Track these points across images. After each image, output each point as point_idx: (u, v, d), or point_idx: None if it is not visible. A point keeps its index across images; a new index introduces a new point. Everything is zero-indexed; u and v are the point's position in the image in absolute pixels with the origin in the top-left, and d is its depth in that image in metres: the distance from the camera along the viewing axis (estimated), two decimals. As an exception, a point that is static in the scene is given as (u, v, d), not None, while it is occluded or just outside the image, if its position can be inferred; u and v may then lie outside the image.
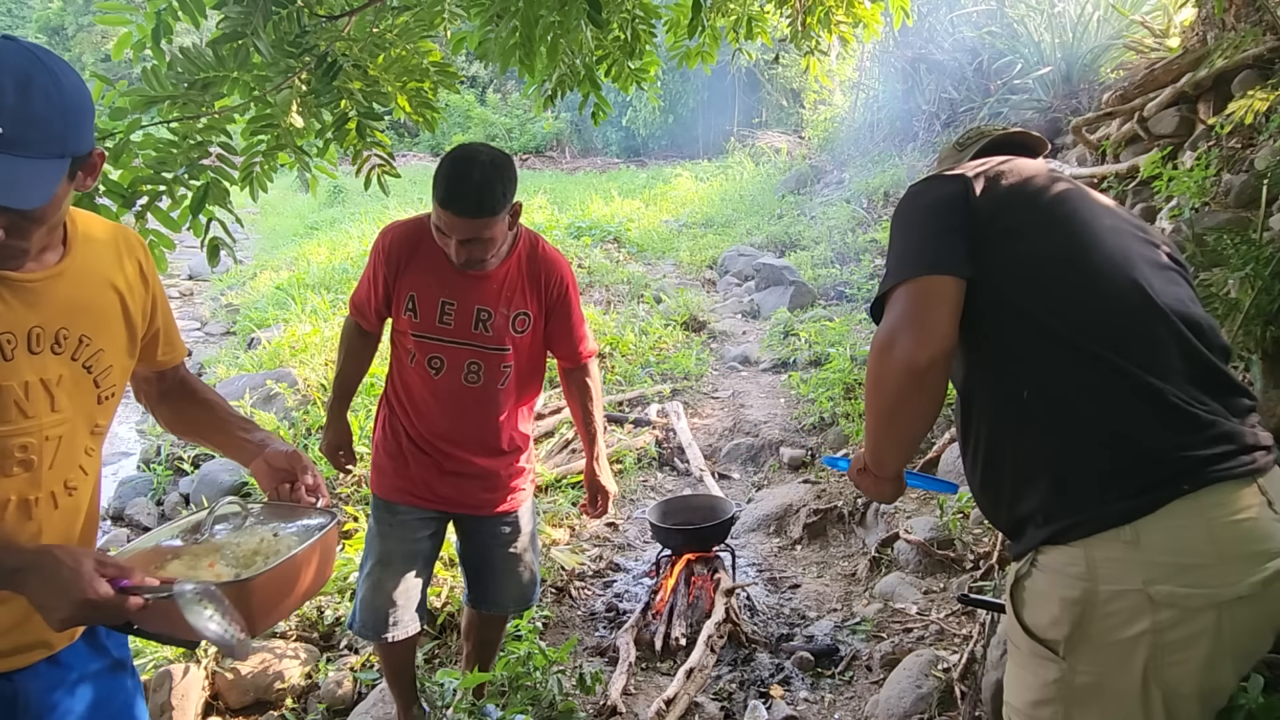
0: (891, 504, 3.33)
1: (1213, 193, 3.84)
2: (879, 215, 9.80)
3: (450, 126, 25.18)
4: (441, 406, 2.20)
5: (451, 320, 2.10)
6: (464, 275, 2.09)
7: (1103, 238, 1.34)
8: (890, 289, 1.31)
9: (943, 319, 1.25)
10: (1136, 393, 1.21)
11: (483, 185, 1.93)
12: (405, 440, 2.24)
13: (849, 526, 3.96)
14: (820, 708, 2.73)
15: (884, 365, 1.27)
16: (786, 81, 18.88)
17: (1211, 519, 1.15)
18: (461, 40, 2.78)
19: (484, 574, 2.42)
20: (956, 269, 1.27)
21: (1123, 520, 1.16)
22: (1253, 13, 4.45)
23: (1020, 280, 1.30)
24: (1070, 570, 1.19)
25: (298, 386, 5.93)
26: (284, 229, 16.99)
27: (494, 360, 2.16)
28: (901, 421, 1.34)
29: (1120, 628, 1.16)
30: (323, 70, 2.50)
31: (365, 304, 2.23)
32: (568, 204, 14.78)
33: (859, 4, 3.30)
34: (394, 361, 2.28)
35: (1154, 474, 1.18)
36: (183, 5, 2.30)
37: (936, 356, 1.23)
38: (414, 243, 2.12)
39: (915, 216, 1.38)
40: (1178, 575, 1.14)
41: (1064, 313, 1.26)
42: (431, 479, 2.24)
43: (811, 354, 6.12)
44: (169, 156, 2.48)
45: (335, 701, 2.91)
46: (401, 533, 2.26)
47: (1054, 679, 1.22)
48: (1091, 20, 7.63)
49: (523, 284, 2.16)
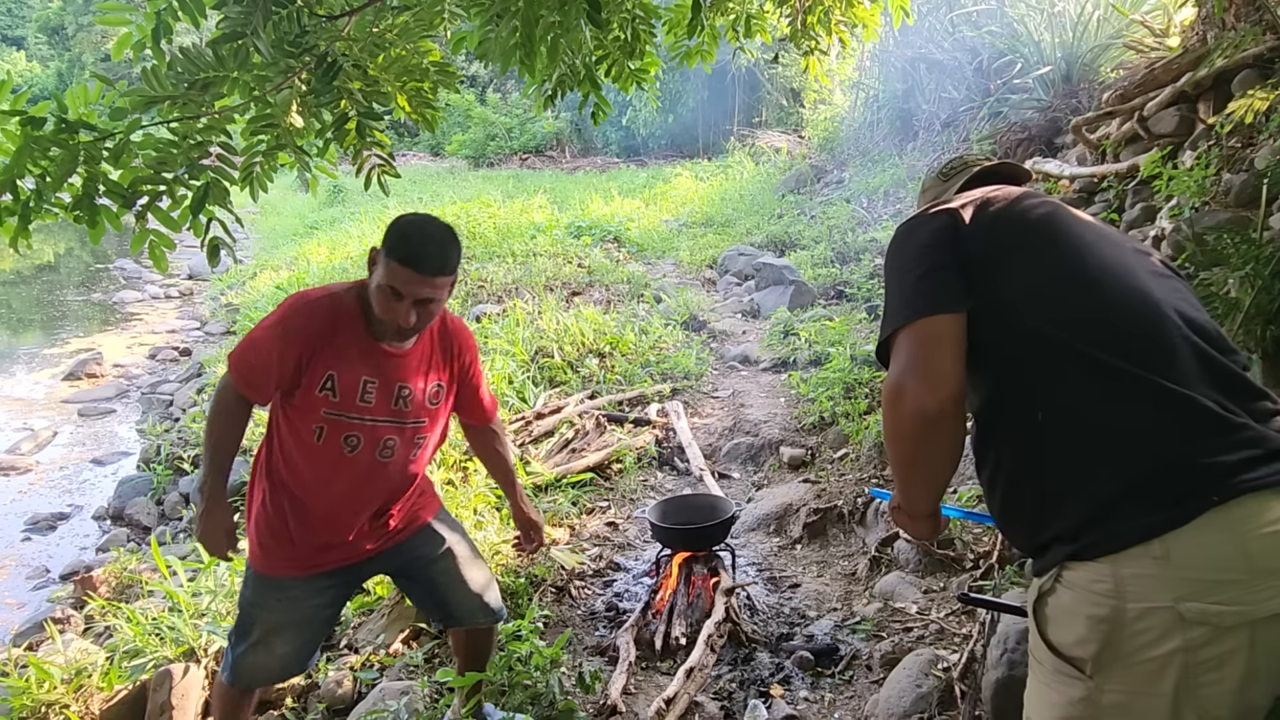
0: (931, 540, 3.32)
1: (1213, 192, 3.84)
2: (879, 215, 9.80)
3: (450, 126, 25.24)
4: (347, 483, 2.11)
5: (373, 398, 2.06)
6: (385, 353, 2.06)
7: (1098, 249, 1.33)
8: (891, 335, 1.31)
9: (947, 360, 1.25)
10: (1157, 400, 1.18)
11: (444, 244, 1.99)
12: (292, 519, 2.12)
13: (849, 526, 3.97)
14: (820, 707, 2.73)
15: (897, 415, 1.27)
16: (786, 81, 18.88)
17: (1244, 532, 1.11)
18: (461, 40, 2.77)
19: (434, 594, 2.35)
20: (953, 305, 1.28)
21: (1151, 535, 1.12)
22: (1253, 12, 4.45)
23: (1021, 300, 1.29)
24: (1097, 587, 1.15)
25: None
26: (284, 229, 17.01)
27: (409, 433, 2.16)
28: (924, 467, 1.34)
29: (1150, 646, 1.12)
30: (322, 70, 2.49)
31: (262, 378, 2.03)
32: (568, 204, 14.79)
33: (858, 4, 3.30)
34: (284, 437, 2.10)
35: (1181, 485, 1.14)
36: (182, 5, 2.30)
37: (946, 400, 1.23)
38: (332, 320, 2.02)
39: (907, 259, 1.38)
40: (1209, 591, 1.10)
41: (1071, 326, 1.25)
42: (322, 551, 2.16)
43: (811, 353, 6.13)
44: (169, 156, 2.48)
45: (335, 701, 2.91)
46: (290, 605, 2.15)
47: (1080, 697, 1.18)
48: (1091, 20, 7.63)
49: (436, 356, 2.19)
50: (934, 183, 1.68)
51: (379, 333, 2.04)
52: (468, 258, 9.97)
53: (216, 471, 2.08)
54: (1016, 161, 1.66)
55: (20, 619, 4.39)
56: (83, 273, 16.41)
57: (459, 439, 4.80)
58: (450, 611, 2.39)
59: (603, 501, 4.52)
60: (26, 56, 41.43)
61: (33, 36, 43.79)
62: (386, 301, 1.95)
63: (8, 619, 4.43)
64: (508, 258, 9.86)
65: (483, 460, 2.57)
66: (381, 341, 2.06)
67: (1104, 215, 5.27)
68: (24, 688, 2.76)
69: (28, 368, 9.75)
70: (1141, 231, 4.73)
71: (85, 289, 14.55)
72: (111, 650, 3.01)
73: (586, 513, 4.35)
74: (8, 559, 5.26)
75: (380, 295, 1.96)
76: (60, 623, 3.86)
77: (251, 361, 2.02)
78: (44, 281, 15.62)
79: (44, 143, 2.23)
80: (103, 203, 2.39)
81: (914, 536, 1.59)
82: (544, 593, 3.44)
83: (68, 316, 12.40)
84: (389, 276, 1.93)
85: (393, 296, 1.94)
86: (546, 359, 6.31)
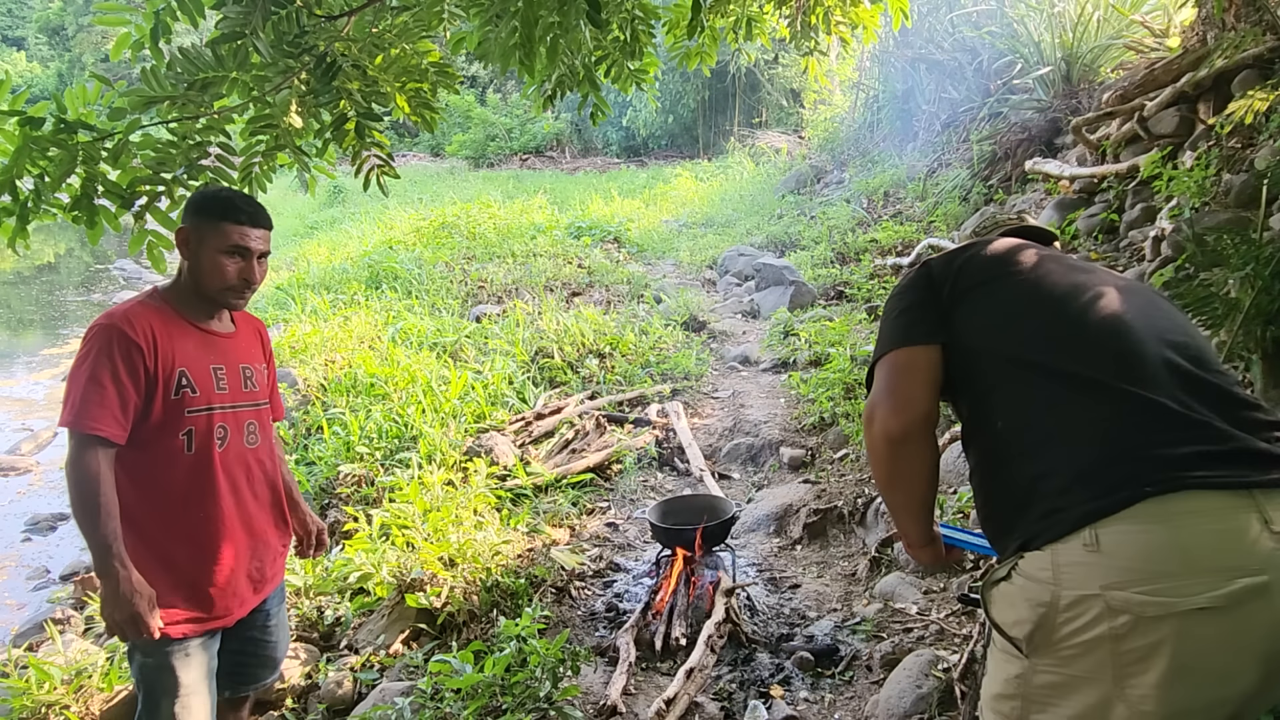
0: (937, 569, 3.35)
1: (1213, 193, 3.84)
2: (879, 215, 9.80)
3: (450, 127, 25.25)
4: (231, 485, 2.01)
5: (226, 384, 2.03)
6: (220, 337, 2.05)
7: (1072, 276, 1.41)
8: (872, 367, 1.45)
9: (915, 386, 1.38)
10: (1109, 399, 1.24)
11: (258, 201, 2.04)
12: (188, 561, 1.97)
13: (849, 526, 3.96)
14: (820, 708, 2.73)
15: (869, 437, 1.41)
16: (786, 81, 18.89)
17: (1180, 525, 1.12)
18: (461, 40, 2.77)
19: (246, 654, 2.16)
20: (926, 338, 1.41)
21: (1083, 523, 1.16)
22: (1253, 13, 4.45)
23: (988, 326, 1.40)
24: (1039, 575, 1.20)
25: (298, 386, 5.93)
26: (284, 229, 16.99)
27: (265, 415, 2.15)
28: (898, 488, 1.46)
29: (1079, 632, 1.16)
30: (322, 70, 2.49)
31: (123, 410, 1.84)
32: (568, 204, 14.79)
33: (858, 4, 3.30)
34: (148, 477, 1.93)
35: (1119, 476, 1.17)
36: (181, 5, 2.30)
37: (910, 423, 1.36)
38: (152, 323, 1.91)
39: (891, 305, 1.51)
40: (1137, 582, 1.11)
41: (1033, 343, 1.34)
42: (232, 586, 2.02)
43: (811, 354, 6.13)
44: (168, 157, 2.48)
45: (335, 701, 2.91)
46: (199, 658, 1.98)
47: (1016, 675, 1.25)
48: (1091, 20, 7.63)
49: (254, 338, 2.20)
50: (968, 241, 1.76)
51: (205, 311, 2.01)
52: (468, 258, 9.97)
53: (115, 538, 1.81)
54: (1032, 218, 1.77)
55: (20, 619, 4.38)
56: (83, 273, 16.42)
57: (458, 439, 4.80)
58: (249, 675, 2.20)
59: (603, 502, 4.51)
60: (27, 57, 41.45)
61: (33, 37, 43.82)
62: (232, 266, 1.95)
63: (8, 619, 4.42)
64: (508, 258, 9.86)
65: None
66: (209, 327, 2.02)
67: (1104, 215, 5.27)
68: (24, 688, 2.76)
69: (28, 368, 9.75)
70: (1141, 232, 4.73)
71: (85, 289, 14.55)
72: (111, 650, 3.00)
73: (586, 513, 4.35)
74: (8, 559, 5.25)
75: (221, 263, 1.94)
76: (60, 623, 3.86)
77: (104, 399, 1.82)
78: (44, 282, 15.64)
79: (42, 143, 2.23)
80: (101, 203, 2.39)
81: (920, 564, 1.69)
82: (544, 593, 3.44)
83: (68, 317, 12.40)
84: (229, 239, 1.93)
85: (240, 256, 1.95)
86: (546, 359, 6.31)
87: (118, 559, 1.80)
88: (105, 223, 2.47)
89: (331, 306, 8.12)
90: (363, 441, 4.87)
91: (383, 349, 6.51)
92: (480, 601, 3.32)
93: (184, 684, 1.93)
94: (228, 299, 2.01)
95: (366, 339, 6.87)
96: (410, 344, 6.68)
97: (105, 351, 1.83)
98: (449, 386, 5.47)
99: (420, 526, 3.63)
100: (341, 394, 5.66)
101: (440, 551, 3.43)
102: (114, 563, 1.80)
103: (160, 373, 1.89)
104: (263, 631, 2.16)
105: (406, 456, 4.55)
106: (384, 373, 5.79)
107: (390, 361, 6.06)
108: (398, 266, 9.21)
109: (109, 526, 1.81)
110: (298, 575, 3.47)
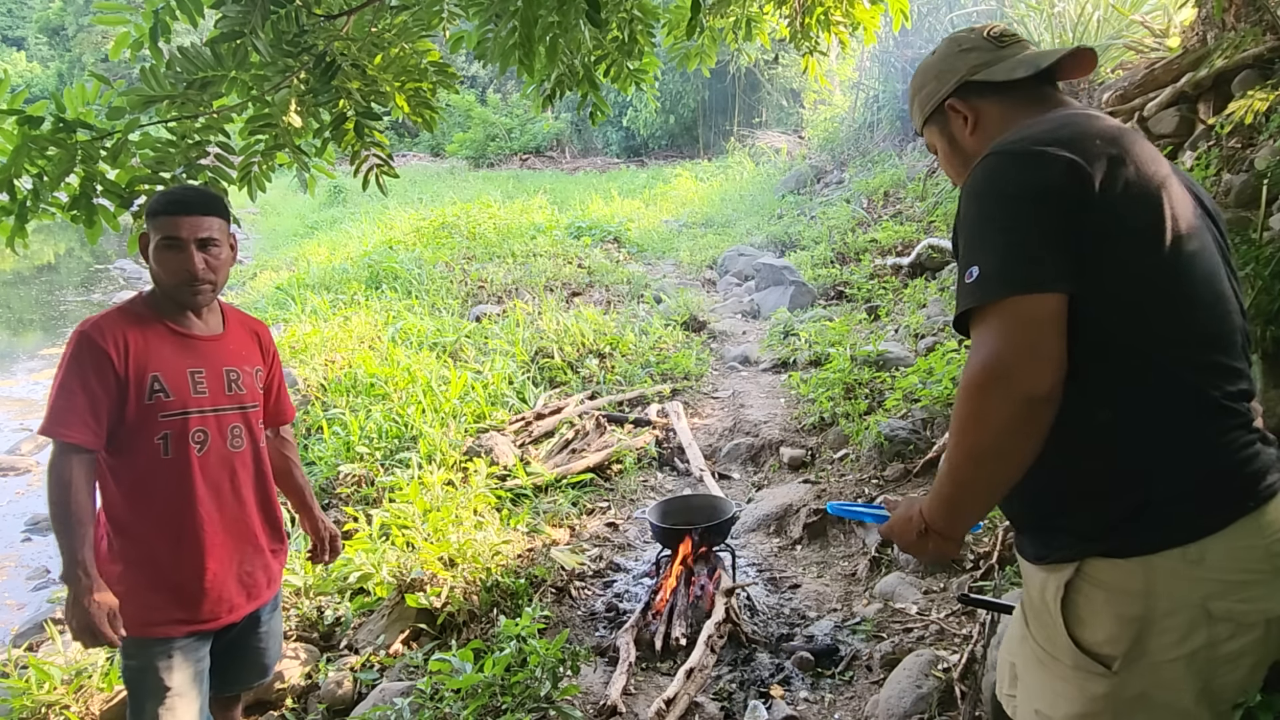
0: (939, 566, 3.30)
1: (1213, 193, 3.84)
2: (879, 215, 9.79)
3: (450, 127, 25.25)
4: (213, 489, 2.00)
5: (205, 387, 1.99)
6: (201, 340, 2.02)
7: (1204, 254, 1.24)
8: (985, 303, 1.13)
9: (1057, 344, 1.11)
10: (1216, 414, 1.19)
11: (200, 190, 2.01)
12: (171, 563, 1.96)
13: (849, 526, 3.96)
14: (820, 708, 2.72)
15: (996, 399, 1.11)
16: (786, 82, 18.89)
17: (1270, 536, 1.16)
18: (460, 40, 2.77)
19: (236, 658, 2.17)
20: (1064, 285, 1.12)
21: (1190, 538, 1.14)
22: (1253, 13, 4.45)
23: (1120, 307, 1.17)
24: (1129, 586, 1.16)
25: (298, 386, 5.93)
26: (284, 229, 17.01)
27: (253, 418, 2.10)
28: (1003, 464, 1.15)
29: (1177, 644, 1.14)
30: (321, 70, 2.49)
31: (95, 416, 1.86)
32: (568, 204, 14.80)
33: (858, 5, 3.30)
34: (130, 480, 1.95)
35: (1221, 492, 1.17)
36: (180, 5, 2.30)
37: (1057, 385, 1.10)
38: (126, 327, 1.91)
39: (1017, 212, 1.16)
40: (1234, 590, 1.14)
41: (1158, 342, 1.18)
42: (218, 589, 2.01)
43: (811, 354, 6.13)
44: (167, 156, 2.48)
45: (335, 701, 2.91)
46: (183, 660, 1.97)
47: (1103, 693, 1.18)
48: (1091, 20, 7.62)
49: (248, 340, 2.16)
50: (981, 43, 1.43)
51: (180, 313, 1.98)
52: (468, 258, 9.97)
53: (83, 544, 1.83)
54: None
55: (20, 619, 4.38)
56: (82, 273, 16.42)
57: (458, 439, 4.80)
58: (237, 677, 2.22)
59: (603, 502, 4.51)
60: (27, 57, 41.44)
61: (33, 37, 43.81)
62: (171, 260, 1.90)
63: (8, 619, 4.42)
64: (508, 258, 9.86)
65: (279, 469, 2.32)
66: (189, 330, 2.00)
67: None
68: (24, 688, 2.76)
69: (28, 368, 9.74)
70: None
71: (85, 289, 14.55)
72: (111, 651, 3.00)
73: (586, 513, 4.35)
74: (8, 559, 5.25)
75: (163, 258, 1.91)
76: (60, 623, 3.86)
77: (74, 405, 1.84)
78: (44, 282, 15.63)
79: (41, 142, 2.23)
80: (100, 202, 2.39)
81: (935, 560, 1.49)
82: (544, 593, 3.44)
83: (68, 317, 12.39)
84: (162, 231, 1.90)
85: (175, 248, 1.90)
86: (546, 359, 6.31)
87: (82, 567, 1.81)
88: (104, 222, 2.47)
89: (331, 306, 8.12)
90: (363, 441, 4.87)
91: (383, 349, 6.51)
92: (480, 601, 3.31)
93: (168, 686, 1.93)
94: (184, 296, 1.95)
95: (366, 339, 6.87)
96: (410, 344, 6.68)
97: (76, 359, 1.86)
98: (449, 386, 5.47)
99: (420, 526, 3.63)
100: (341, 394, 5.66)
101: (440, 551, 3.43)
102: (78, 571, 1.81)
103: (131, 378, 1.89)
104: (254, 638, 2.16)
105: (406, 456, 4.55)
106: (384, 373, 5.79)
107: (390, 361, 6.06)
108: (398, 266, 9.21)
109: (77, 533, 1.83)
110: (298, 575, 3.47)
